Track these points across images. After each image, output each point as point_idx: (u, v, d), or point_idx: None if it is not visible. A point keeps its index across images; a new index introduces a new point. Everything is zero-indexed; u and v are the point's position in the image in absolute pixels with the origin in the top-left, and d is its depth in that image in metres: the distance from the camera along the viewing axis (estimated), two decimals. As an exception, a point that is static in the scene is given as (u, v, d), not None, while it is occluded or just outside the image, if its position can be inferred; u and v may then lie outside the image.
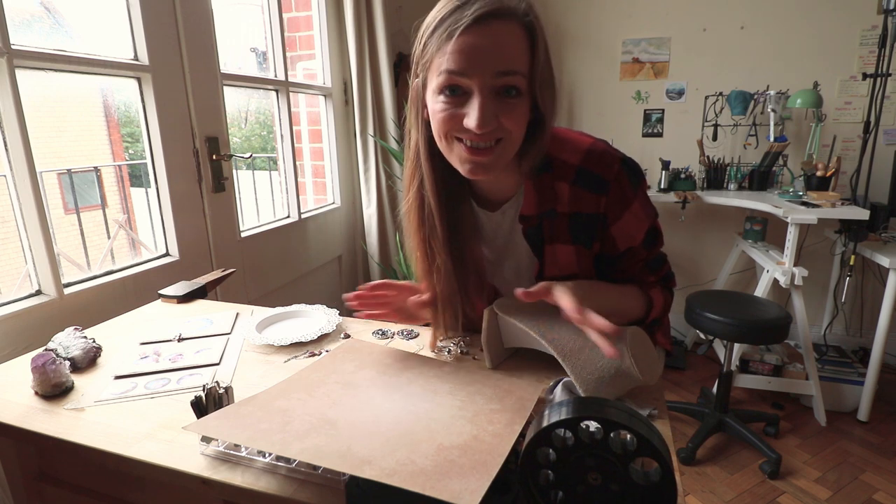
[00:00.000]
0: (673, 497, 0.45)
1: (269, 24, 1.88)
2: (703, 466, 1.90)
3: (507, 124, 0.66)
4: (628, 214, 0.76)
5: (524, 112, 0.67)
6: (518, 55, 0.64)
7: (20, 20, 1.26)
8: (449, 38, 0.63)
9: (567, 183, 0.75)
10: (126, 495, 0.70)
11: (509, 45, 0.63)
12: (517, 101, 0.66)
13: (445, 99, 0.67)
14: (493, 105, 0.65)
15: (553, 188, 0.76)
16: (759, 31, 2.59)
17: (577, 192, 0.75)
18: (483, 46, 0.63)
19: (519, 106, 0.66)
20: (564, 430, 0.47)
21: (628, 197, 0.75)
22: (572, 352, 0.68)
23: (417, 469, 0.50)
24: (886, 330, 2.06)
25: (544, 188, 0.76)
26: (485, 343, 0.78)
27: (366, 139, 2.24)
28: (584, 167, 0.74)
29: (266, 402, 0.63)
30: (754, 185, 2.58)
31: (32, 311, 1.12)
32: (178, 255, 1.47)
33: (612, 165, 0.74)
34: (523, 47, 0.65)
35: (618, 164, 0.74)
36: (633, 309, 0.80)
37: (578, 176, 0.75)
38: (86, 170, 3.42)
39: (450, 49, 0.63)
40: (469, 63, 0.63)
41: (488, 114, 0.64)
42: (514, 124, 0.67)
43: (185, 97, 1.46)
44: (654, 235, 0.80)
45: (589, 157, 0.74)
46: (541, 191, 0.76)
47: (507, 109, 0.66)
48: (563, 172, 0.75)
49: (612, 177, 0.74)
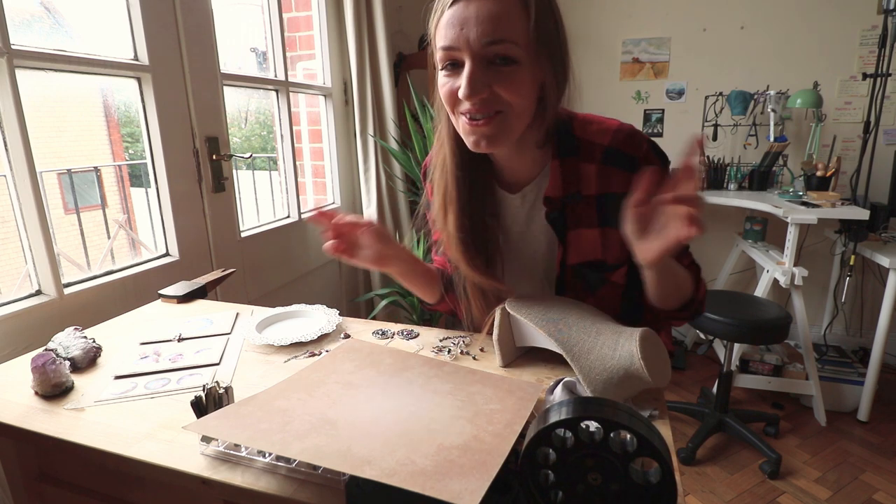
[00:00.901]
0: (673, 497, 0.45)
1: (269, 24, 1.88)
2: (703, 466, 1.90)
3: (505, 94, 0.66)
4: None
5: (524, 81, 0.66)
6: (509, 23, 0.63)
7: (20, 20, 1.26)
8: (441, 14, 0.65)
9: (595, 164, 0.75)
10: (126, 495, 0.70)
11: (498, 14, 0.63)
12: (513, 69, 0.65)
13: (446, 73, 0.68)
14: (486, 74, 0.65)
15: (579, 170, 0.75)
16: (759, 31, 2.59)
17: (607, 170, 0.74)
18: (469, 17, 0.63)
19: (516, 74, 0.65)
20: (564, 430, 0.47)
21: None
22: (582, 352, 0.68)
23: (417, 469, 0.50)
24: (886, 330, 2.06)
25: (570, 170, 0.75)
26: (497, 342, 0.78)
27: (366, 139, 2.24)
28: (613, 146, 0.74)
29: (266, 402, 0.63)
30: (754, 185, 2.58)
31: (32, 311, 1.12)
32: (178, 255, 1.47)
33: (642, 144, 0.74)
34: (516, 15, 0.63)
35: (646, 144, 0.75)
36: (686, 284, 0.77)
37: (607, 155, 0.74)
38: (86, 170, 3.42)
39: (442, 24, 0.65)
40: (457, 35, 0.64)
41: (476, 83, 0.64)
42: (513, 94, 0.66)
43: (185, 97, 1.46)
44: None
45: (616, 137, 0.74)
46: (566, 173, 0.75)
47: (501, 79, 0.65)
48: (590, 154, 0.75)
49: (642, 155, 0.74)
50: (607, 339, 0.69)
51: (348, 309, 2.45)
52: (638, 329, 0.68)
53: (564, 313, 0.74)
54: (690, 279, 0.78)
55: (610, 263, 0.79)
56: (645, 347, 0.65)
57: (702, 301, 0.81)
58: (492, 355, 0.82)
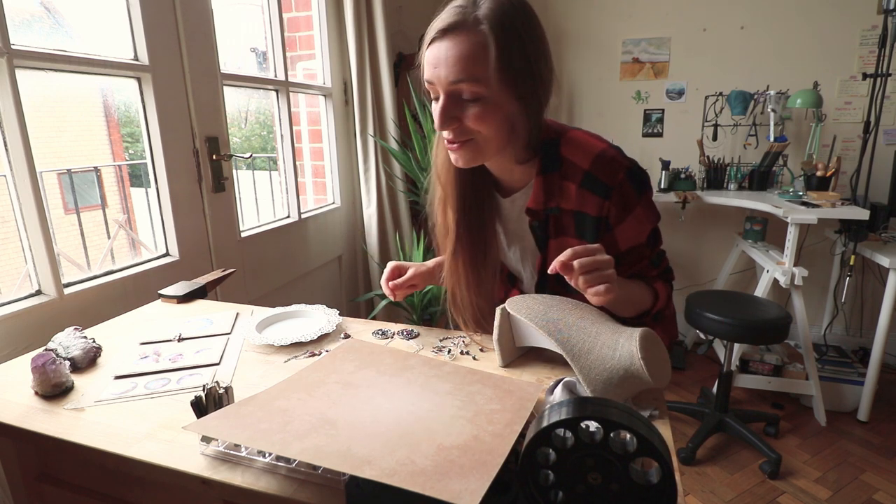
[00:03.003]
0: (673, 497, 0.45)
1: (269, 24, 1.88)
2: (703, 466, 1.90)
3: (472, 125, 0.73)
4: (631, 218, 0.79)
5: (488, 114, 0.72)
6: (472, 64, 0.69)
7: (20, 20, 1.26)
8: (426, 51, 0.73)
9: (574, 184, 0.79)
10: (126, 495, 0.70)
11: (462, 56, 0.69)
12: (478, 104, 0.72)
13: (434, 100, 0.75)
14: (455, 108, 0.73)
15: (561, 186, 0.80)
16: (759, 31, 2.59)
17: (583, 193, 0.79)
18: (441, 57, 0.71)
19: (481, 109, 0.72)
20: (564, 430, 0.47)
21: (631, 203, 0.78)
22: (581, 352, 0.68)
23: (417, 469, 0.50)
24: (886, 330, 2.06)
25: (552, 185, 0.80)
26: (497, 342, 0.79)
27: (366, 139, 2.24)
28: (591, 172, 0.78)
29: (266, 402, 0.63)
30: (754, 185, 2.58)
31: (32, 311, 1.12)
32: (178, 255, 1.47)
33: (617, 174, 0.77)
34: (480, 56, 0.69)
35: (623, 173, 0.78)
36: (642, 300, 0.82)
37: (585, 179, 0.79)
38: (86, 170, 3.42)
39: (425, 60, 0.74)
40: (432, 73, 0.72)
41: (445, 116, 0.73)
42: (478, 125, 0.73)
43: (185, 97, 1.46)
44: (655, 237, 0.84)
45: (596, 163, 0.78)
46: (548, 188, 0.80)
47: (468, 113, 0.72)
48: (571, 173, 0.80)
49: (616, 184, 0.77)
50: (607, 339, 0.69)
51: (348, 309, 2.45)
52: (638, 329, 0.68)
53: (564, 313, 0.74)
54: (649, 294, 0.84)
55: None
56: (645, 347, 0.65)
57: (660, 311, 0.85)
58: (492, 355, 0.82)
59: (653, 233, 0.83)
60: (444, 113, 0.73)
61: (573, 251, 0.67)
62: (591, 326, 0.72)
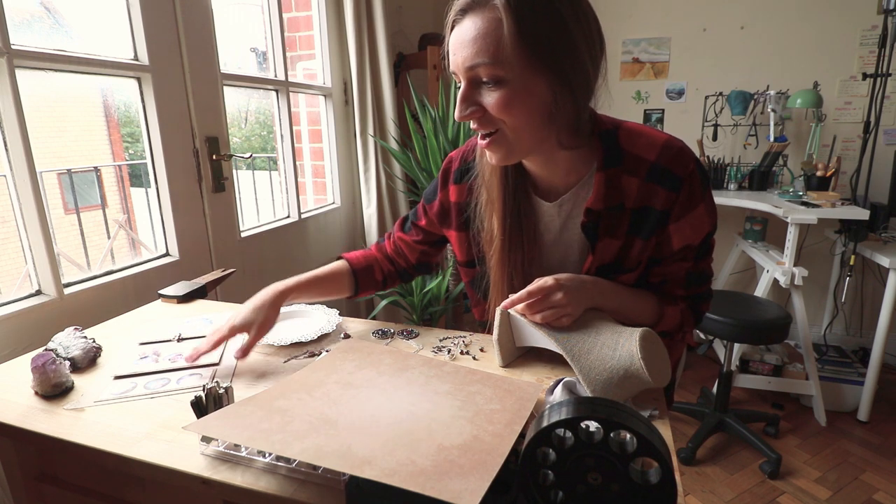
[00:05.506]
0: (673, 497, 0.45)
1: (269, 24, 1.88)
2: (703, 466, 1.90)
3: (496, 113, 0.66)
4: (692, 215, 0.74)
5: (513, 98, 0.65)
6: (489, 44, 0.63)
7: (20, 20, 1.26)
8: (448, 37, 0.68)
9: (638, 178, 0.73)
10: (126, 495, 0.70)
11: (475, 37, 0.63)
12: (500, 89, 0.65)
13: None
14: (474, 94, 0.67)
15: (621, 183, 0.74)
16: (759, 31, 2.59)
17: (649, 186, 0.73)
18: (456, 43, 0.66)
19: (505, 94, 0.64)
20: (564, 430, 0.47)
21: (696, 198, 0.73)
22: (581, 353, 0.68)
23: (417, 469, 0.49)
24: (886, 330, 2.06)
25: (613, 182, 0.74)
26: (497, 342, 0.78)
27: (366, 139, 2.24)
28: (659, 163, 0.72)
29: (266, 402, 0.63)
30: (754, 185, 2.58)
31: (32, 311, 1.12)
32: (178, 255, 1.47)
33: (688, 164, 0.72)
34: (498, 35, 0.62)
35: (693, 164, 0.72)
36: (640, 315, 0.79)
37: (652, 172, 0.72)
38: (86, 170, 3.42)
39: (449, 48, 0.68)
40: (454, 60, 0.67)
41: (463, 104, 0.67)
42: (502, 113, 0.66)
43: (185, 97, 1.46)
44: (708, 243, 0.79)
45: (664, 153, 0.72)
46: (610, 185, 0.74)
47: (490, 99, 0.66)
48: (634, 167, 0.73)
49: (687, 174, 0.72)
50: (607, 339, 0.69)
51: (348, 309, 2.45)
52: (638, 329, 0.68)
53: None
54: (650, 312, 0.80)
55: (625, 267, 0.79)
56: (645, 347, 0.65)
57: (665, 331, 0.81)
58: (492, 355, 0.82)
59: (707, 237, 0.77)
60: (462, 100, 0.67)
61: (527, 293, 0.72)
62: (591, 326, 0.72)
